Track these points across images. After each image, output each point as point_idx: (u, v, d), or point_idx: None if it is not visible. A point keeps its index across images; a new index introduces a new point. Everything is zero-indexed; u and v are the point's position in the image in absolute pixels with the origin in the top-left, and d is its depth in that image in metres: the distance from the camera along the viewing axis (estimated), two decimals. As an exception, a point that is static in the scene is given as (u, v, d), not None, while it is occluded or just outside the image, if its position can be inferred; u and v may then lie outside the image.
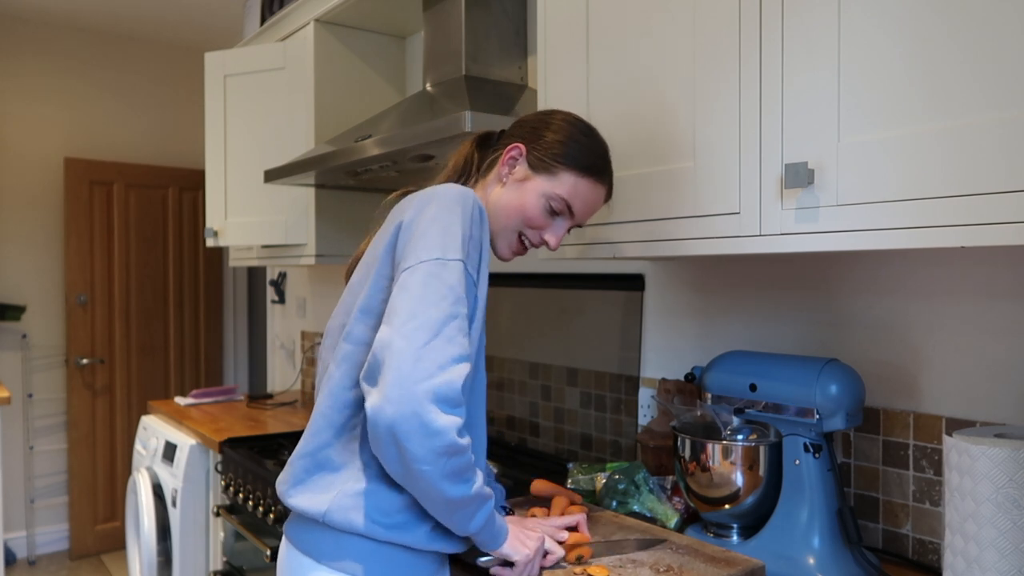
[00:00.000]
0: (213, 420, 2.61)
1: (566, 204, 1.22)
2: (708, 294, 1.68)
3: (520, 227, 1.24)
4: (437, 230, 1.08)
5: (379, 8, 2.46)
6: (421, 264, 1.05)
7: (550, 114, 1.27)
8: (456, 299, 1.04)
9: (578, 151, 1.22)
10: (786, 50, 1.08)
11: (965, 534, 1.00)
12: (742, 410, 1.33)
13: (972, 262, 1.24)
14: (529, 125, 1.26)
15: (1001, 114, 0.87)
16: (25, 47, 4.05)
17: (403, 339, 0.99)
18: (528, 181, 1.22)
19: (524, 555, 1.13)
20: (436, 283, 1.03)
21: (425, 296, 1.02)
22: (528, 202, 1.22)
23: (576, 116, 1.27)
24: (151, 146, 4.43)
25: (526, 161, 1.23)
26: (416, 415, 0.96)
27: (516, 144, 1.23)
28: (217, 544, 2.43)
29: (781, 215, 1.09)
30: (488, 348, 2.31)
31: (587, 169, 1.22)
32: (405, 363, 0.98)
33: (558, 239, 1.25)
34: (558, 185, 1.21)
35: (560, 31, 1.50)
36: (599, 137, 1.26)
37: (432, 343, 0.99)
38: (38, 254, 4.13)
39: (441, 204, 1.11)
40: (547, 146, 1.22)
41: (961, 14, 0.90)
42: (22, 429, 4.05)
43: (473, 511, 1.07)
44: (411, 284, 1.04)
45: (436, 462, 0.99)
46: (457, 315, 1.03)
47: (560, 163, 1.21)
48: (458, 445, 0.99)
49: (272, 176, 2.29)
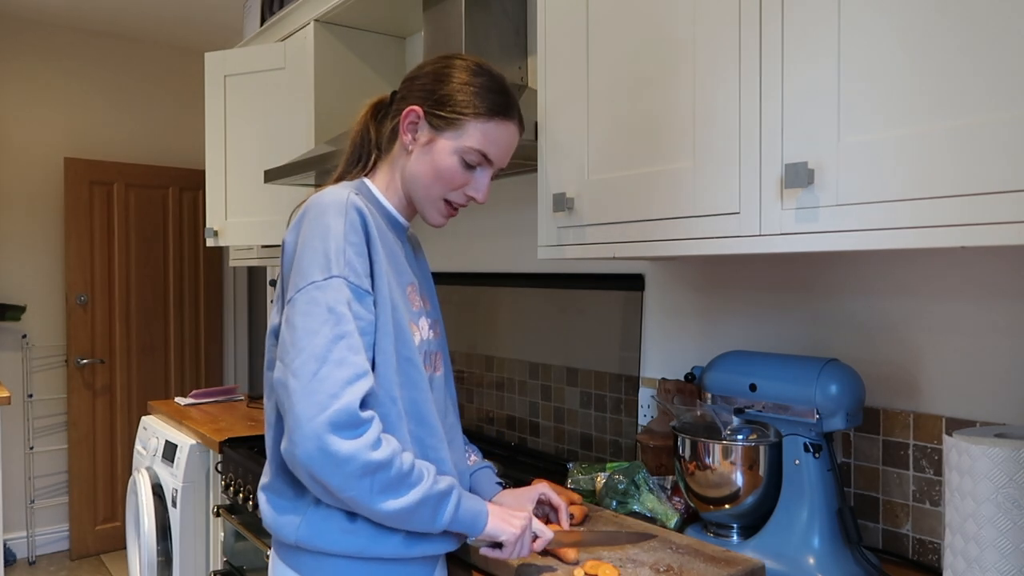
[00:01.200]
0: (213, 420, 2.61)
1: (481, 154, 1.17)
2: (708, 294, 1.68)
3: (443, 192, 1.19)
4: (309, 252, 1.06)
5: (379, 8, 2.46)
6: (298, 293, 1.04)
7: (437, 63, 1.21)
8: (338, 319, 1.02)
9: (476, 96, 1.16)
10: (786, 50, 1.08)
11: (965, 534, 1.00)
12: (742, 410, 1.33)
13: (972, 262, 1.24)
14: (419, 83, 1.20)
15: (1002, 114, 0.87)
16: (25, 47, 4.05)
17: (293, 377, 1.00)
18: (435, 143, 1.17)
19: (511, 533, 1.11)
20: (315, 309, 1.02)
21: (306, 326, 1.01)
22: (441, 164, 1.16)
23: (464, 57, 1.21)
24: (151, 146, 4.43)
25: (426, 123, 1.17)
26: (320, 450, 0.97)
27: (411, 108, 1.17)
28: (217, 544, 2.43)
29: (781, 215, 1.09)
30: (488, 348, 2.31)
31: (491, 111, 1.17)
32: (299, 402, 0.98)
33: (484, 191, 1.21)
34: (466, 138, 1.16)
35: (560, 31, 1.50)
36: (493, 72, 1.20)
37: (320, 372, 0.99)
38: (38, 254, 4.13)
39: (311, 220, 1.08)
40: (443, 101, 1.16)
41: (962, 13, 0.90)
42: (22, 429, 4.05)
43: (431, 512, 1.05)
44: (292, 317, 1.04)
45: (359, 486, 1.00)
46: (343, 335, 1.02)
47: (461, 114, 1.15)
48: (375, 462, 0.99)
49: (272, 176, 2.29)
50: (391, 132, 1.22)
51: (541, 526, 1.17)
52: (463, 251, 2.45)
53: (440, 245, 2.55)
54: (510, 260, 2.25)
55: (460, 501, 1.09)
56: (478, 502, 1.12)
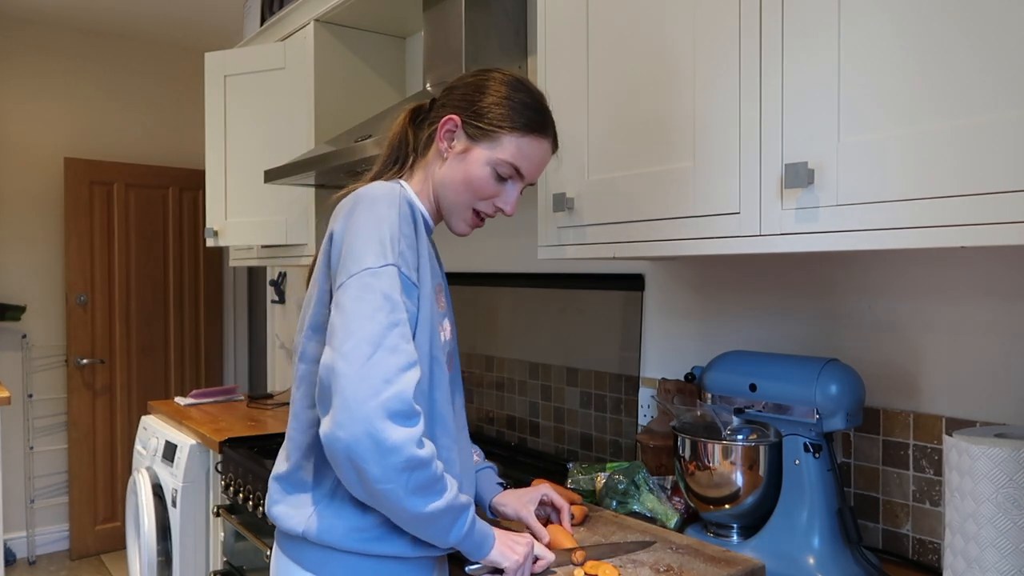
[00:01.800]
0: (213, 420, 2.61)
1: (513, 168, 1.18)
2: (708, 294, 1.68)
3: (472, 201, 1.20)
4: (363, 239, 1.05)
5: (379, 8, 2.46)
6: (351, 279, 1.02)
7: (478, 76, 1.21)
8: (393, 306, 1.01)
9: (514, 110, 1.17)
10: (786, 50, 1.08)
11: (965, 534, 1.00)
12: (742, 410, 1.33)
13: (972, 262, 1.24)
14: (459, 92, 1.20)
15: (1002, 114, 0.87)
16: (25, 47, 4.05)
17: (344, 360, 0.97)
18: (470, 152, 1.18)
19: (513, 561, 1.11)
20: (369, 295, 1.01)
21: (360, 311, 1.00)
22: (474, 174, 1.17)
23: (504, 72, 1.22)
24: (151, 146, 4.43)
25: (463, 132, 1.18)
26: (369, 435, 0.95)
27: (450, 116, 1.18)
28: (217, 544, 2.43)
29: (781, 215, 1.09)
30: (488, 348, 2.31)
31: (527, 127, 1.18)
32: (350, 384, 0.96)
33: (513, 204, 1.22)
34: (501, 150, 1.17)
35: (560, 31, 1.50)
36: (532, 88, 1.22)
37: (374, 357, 0.97)
38: (38, 254, 4.13)
39: (365, 210, 1.08)
40: (482, 112, 1.17)
41: (963, 12, 0.90)
42: (22, 429, 4.05)
43: (449, 523, 1.05)
44: (344, 301, 1.02)
45: (397, 479, 0.97)
46: (397, 323, 1.01)
47: (498, 127, 1.16)
48: (418, 458, 0.98)
49: (272, 176, 2.29)
50: (428, 138, 1.23)
51: (542, 550, 1.17)
52: (463, 251, 2.45)
53: (441, 245, 2.55)
54: (510, 260, 2.25)
55: (475, 520, 1.09)
56: (488, 526, 1.12)
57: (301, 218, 2.57)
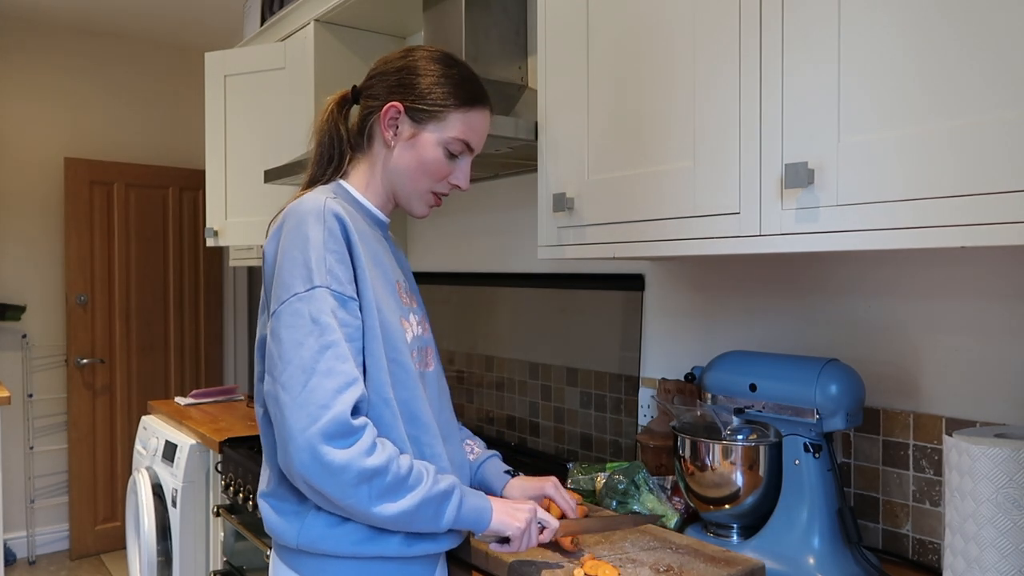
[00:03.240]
0: (213, 420, 2.61)
1: (463, 143, 1.20)
2: (708, 294, 1.68)
3: (430, 184, 1.21)
4: (289, 263, 1.05)
5: (379, 8, 2.46)
6: (282, 306, 1.04)
7: (407, 57, 1.21)
8: (322, 330, 1.02)
9: (453, 86, 1.18)
10: (786, 50, 1.08)
11: (965, 534, 1.00)
12: (742, 410, 1.33)
13: (973, 262, 1.24)
14: (392, 77, 1.20)
15: (1003, 114, 0.87)
16: (25, 47, 4.05)
17: (283, 390, 1.00)
18: (418, 136, 1.18)
19: (516, 528, 1.12)
20: (299, 321, 1.02)
21: (291, 338, 1.02)
22: (427, 157, 1.18)
23: (427, 48, 1.22)
24: (151, 146, 4.43)
25: (407, 117, 1.18)
26: (315, 460, 0.98)
27: (391, 104, 1.18)
28: (217, 544, 2.43)
29: (781, 215, 1.09)
30: (488, 348, 2.31)
31: (471, 100, 1.19)
32: (290, 415, 0.99)
33: (467, 177, 1.23)
34: (449, 128, 1.18)
35: (560, 31, 1.50)
36: (462, 62, 1.23)
37: (309, 384, 0.99)
38: (38, 254, 4.13)
39: (291, 231, 1.08)
40: (423, 94, 1.17)
41: (962, 13, 0.90)
42: (22, 429, 4.05)
43: (433, 512, 1.06)
44: (278, 330, 1.04)
45: (356, 494, 1.00)
46: (329, 345, 1.02)
47: (442, 106, 1.17)
48: (370, 469, 1.00)
49: (272, 176, 2.29)
50: (365, 129, 1.22)
51: (546, 516, 1.18)
52: (463, 251, 2.45)
53: (439, 245, 2.55)
54: (510, 260, 2.25)
55: (463, 499, 1.09)
56: (481, 498, 1.12)
57: (301, 218, 2.57)
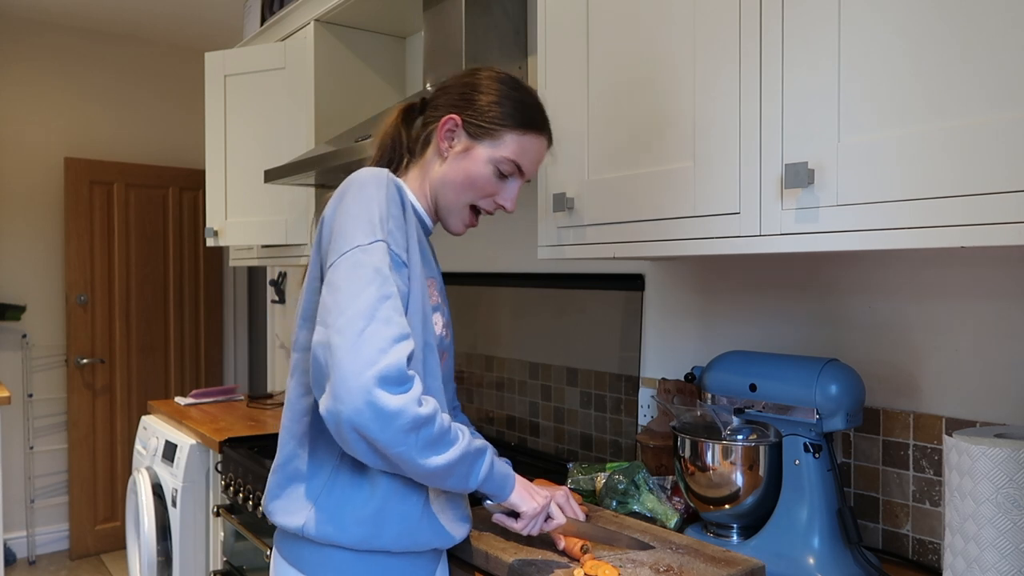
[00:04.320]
0: (213, 420, 2.61)
1: (515, 164, 1.21)
2: (708, 294, 1.68)
3: (472, 199, 1.22)
4: (352, 218, 1.06)
5: (379, 8, 2.46)
6: (342, 257, 1.04)
7: (473, 75, 1.23)
8: (383, 280, 1.02)
9: (514, 108, 1.20)
10: (786, 50, 1.08)
11: (965, 534, 1.00)
12: (742, 410, 1.33)
13: (972, 262, 1.24)
14: (456, 91, 1.22)
15: (1002, 114, 0.87)
16: (26, 47, 4.05)
17: (338, 334, 0.99)
18: (471, 151, 1.19)
19: (532, 507, 1.14)
20: (360, 270, 1.02)
21: (351, 287, 1.01)
22: (476, 172, 1.19)
23: (499, 71, 1.24)
24: (151, 146, 4.43)
25: (464, 131, 1.20)
26: (369, 405, 0.96)
27: (450, 116, 1.20)
28: (217, 544, 2.43)
29: (781, 215, 1.09)
30: (488, 348, 2.31)
31: (527, 124, 1.20)
32: (345, 358, 0.97)
33: (513, 200, 1.24)
34: (503, 147, 1.19)
35: (560, 31, 1.50)
36: (528, 87, 1.25)
37: (367, 330, 0.98)
38: (38, 254, 4.13)
39: (353, 191, 1.09)
40: (482, 111, 1.19)
41: (961, 14, 0.90)
42: (22, 429, 4.05)
43: (467, 468, 1.07)
44: (335, 279, 1.03)
45: (406, 441, 0.99)
46: (388, 295, 1.02)
47: (499, 125, 1.19)
48: (421, 417, 0.99)
49: (272, 176, 2.29)
50: (423, 138, 1.24)
51: (556, 511, 1.20)
52: (463, 251, 2.45)
53: (440, 245, 2.55)
54: (510, 260, 2.25)
55: (493, 461, 1.12)
56: (508, 467, 1.15)
57: (301, 218, 2.57)
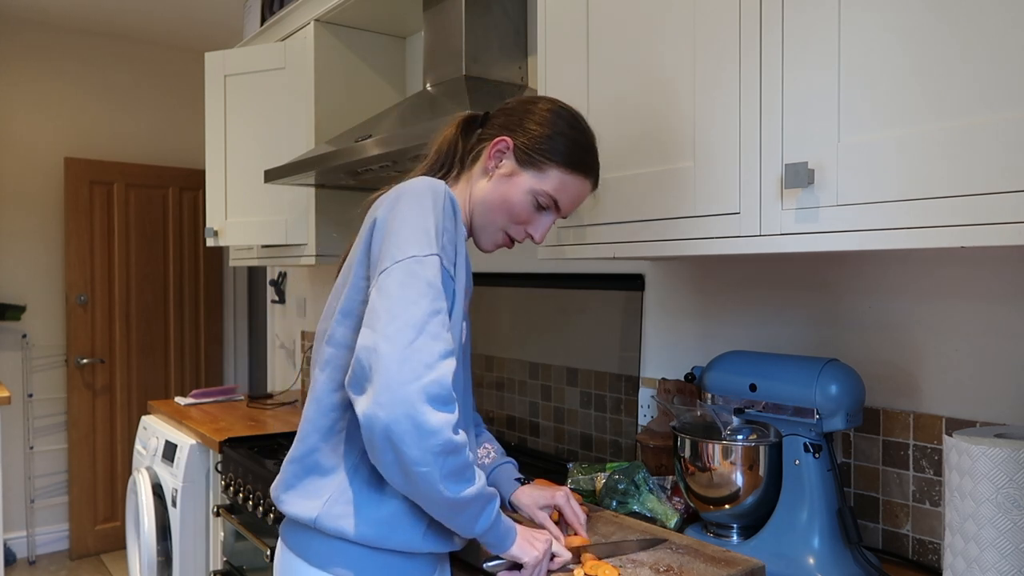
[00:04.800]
0: (213, 420, 2.61)
1: (553, 200, 1.20)
2: (708, 294, 1.68)
3: (505, 224, 1.22)
4: (409, 227, 1.06)
5: (379, 8, 2.46)
6: (397, 264, 1.03)
7: (535, 103, 1.23)
8: (436, 295, 1.02)
9: (565, 146, 1.19)
10: (786, 50, 1.08)
11: (965, 534, 1.00)
12: (742, 410, 1.33)
13: (972, 262, 1.24)
14: (516, 114, 1.22)
15: (1000, 114, 0.87)
16: (25, 47, 4.05)
17: (387, 342, 0.98)
18: (515, 176, 1.20)
19: (533, 556, 1.12)
20: (414, 281, 1.02)
21: (404, 296, 1.01)
22: (514, 198, 1.19)
23: (562, 104, 1.23)
24: (151, 146, 4.43)
25: (513, 155, 1.20)
26: (409, 416, 0.95)
27: (503, 137, 1.20)
28: (217, 544, 2.43)
29: (781, 215, 1.09)
30: (488, 348, 2.31)
31: (574, 165, 1.20)
32: (392, 366, 0.96)
33: (543, 233, 1.24)
34: (545, 181, 1.19)
35: (560, 31, 1.50)
36: (586, 127, 1.24)
37: (416, 342, 0.98)
38: (38, 254, 4.13)
39: (411, 199, 1.08)
40: (534, 140, 1.19)
41: (961, 15, 0.90)
42: (22, 429, 4.05)
43: (477, 511, 1.06)
44: (389, 285, 1.02)
45: (434, 463, 0.98)
46: (439, 310, 1.02)
47: (547, 159, 1.18)
48: (454, 443, 0.98)
49: (272, 176, 2.29)
50: (475, 151, 1.24)
51: (560, 548, 1.18)
52: (463, 251, 2.45)
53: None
54: (510, 260, 2.25)
55: (500, 511, 1.10)
56: (510, 520, 1.13)
57: (301, 218, 2.57)
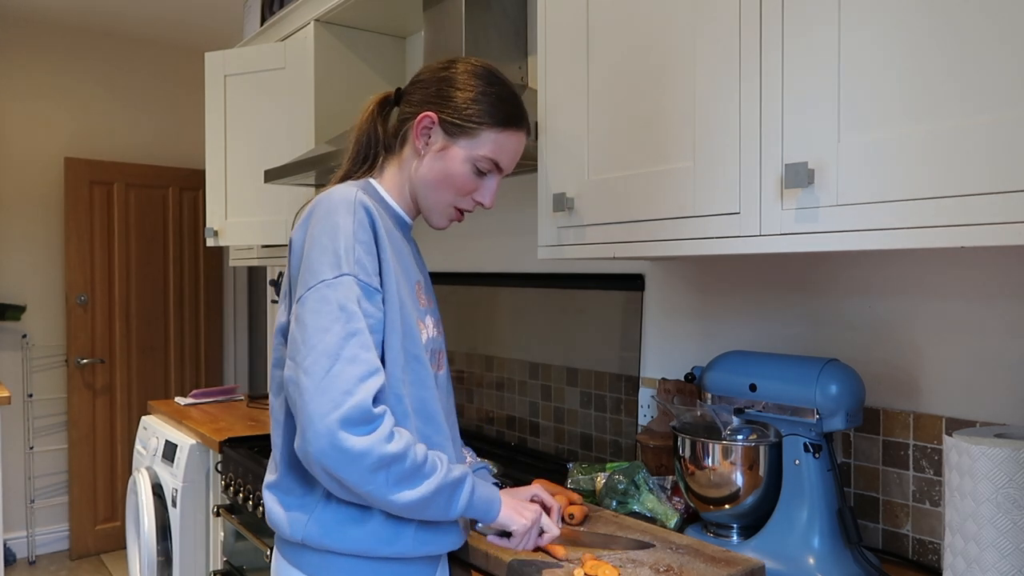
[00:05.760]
0: (213, 420, 2.61)
1: (493, 163, 1.19)
2: (708, 294, 1.68)
3: (453, 199, 1.20)
4: (318, 250, 1.05)
5: (379, 8, 2.46)
6: (309, 291, 1.04)
7: (449, 68, 1.19)
8: (348, 316, 1.02)
9: (491, 105, 1.17)
10: (786, 50, 1.08)
11: (965, 534, 1.00)
12: (742, 410, 1.33)
13: (972, 262, 1.24)
14: (432, 86, 1.19)
15: (1002, 114, 0.87)
16: (25, 47, 4.05)
17: (305, 375, 1.00)
18: (448, 149, 1.17)
19: (521, 524, 1.13)
20: (325, 307, 1.02)
21: (317, 324, 1.01)
22: (454, 171, 1.17)
23: (474, 62, 1.21)
24: (151, 146, 4.43)
25: (441, 129, 1.17)
26: (334, 447, 0.97)
27: (426, 113, 1.17)
28: (217, 544, 2.43)
29: (781, 215, 1.09)
30: (488, 348, 2.31)
31: (506, 121, 1.18)
32: (311, 399, 0.98)
33: (492, 197, 1.22)
34: (480, 146, 1.17)
35: (560, 31, 1.50)
36: (504, 79, 1.21)
37: (333, 370, 0.99)
38: (38, 254, 4.13)
39: (321, 220, 1.08)
40: (458, 108, 1.16)
41: (962, 15, 0.90)
42: (22, 429, 4.05)
43: (445, 501, 1.06)
44: (303, 315, 1.03)
45: (375, 480, 0.99)
46: (354, 332, 1.02)
47: (477, 123, 1.16)
48: (388, 456, 0.99)
49: (272, 176, 2.29)
50: (400, 134, 1.22)
51: (549, 522, 1.19)
52: (463, 251, 2.45)
53: (440, 245, 2.55)
54: (510, 260, 2.25)
55: (474, 488, 1.10)
56: (492, 490, 1.14)
57: (301, 218, 2.57)
